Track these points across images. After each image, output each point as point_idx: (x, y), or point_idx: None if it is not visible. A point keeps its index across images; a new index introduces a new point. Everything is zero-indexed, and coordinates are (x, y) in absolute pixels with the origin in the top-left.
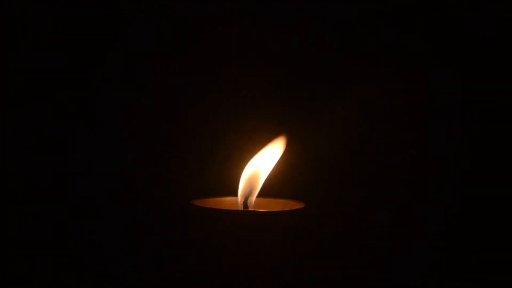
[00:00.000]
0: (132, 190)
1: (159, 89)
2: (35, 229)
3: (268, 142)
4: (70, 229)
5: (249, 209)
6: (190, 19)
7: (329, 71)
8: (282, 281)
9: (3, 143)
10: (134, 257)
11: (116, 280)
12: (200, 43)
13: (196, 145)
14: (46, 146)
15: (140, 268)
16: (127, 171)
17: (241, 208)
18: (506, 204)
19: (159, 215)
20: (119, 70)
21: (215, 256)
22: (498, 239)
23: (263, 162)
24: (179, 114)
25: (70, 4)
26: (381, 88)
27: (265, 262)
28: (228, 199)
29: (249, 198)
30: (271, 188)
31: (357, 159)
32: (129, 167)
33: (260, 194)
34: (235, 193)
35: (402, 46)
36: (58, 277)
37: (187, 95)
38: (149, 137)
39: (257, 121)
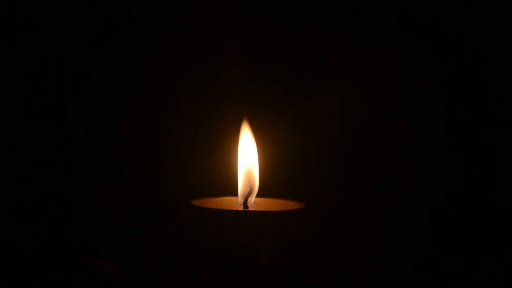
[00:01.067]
0: (132, 190)
1: (158, 89)
2: (35, 228)
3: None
4: (69, 229)
5: (249, 209)
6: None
7: (325, 64)
8: (282, 281)
9: (3, 143)
10: (134, 257)
11: (116, 280)
12: (191, 40)
13: (196, 145)
14: (45, 146)
15: (140, 268)
16: (127, 171)
17: (241, 208)
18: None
19: (159, 215)
20: (117, 70)
21: (215, 256)
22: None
23: (251, 158)
24: (179, 114)
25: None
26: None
27: (265, 262)
28: (228, 199)
29: (249, 198)
30: (271, 188)
31: (357, 158)
32: (129, 167)
33: (260, 194)
34: (235, 193)
35: (388, 37)
36: (57, 277)
37: (186, 95)
38: (149, 137)
39: (258, 121)
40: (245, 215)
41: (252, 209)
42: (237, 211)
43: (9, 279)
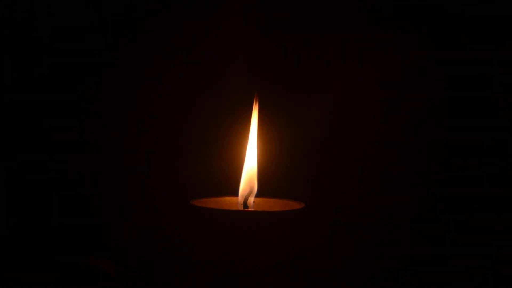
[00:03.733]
0: (132, 190)
1: (158, 90)
2: (35, 228)
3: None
4: (69, 229)
5: (249, 209)
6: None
7: (324, 65)
8: (282, 281)
9: (6, 142)
10: (134, 257)
11: (116, 280)
12: (196, 45)
13: (196, 145)
14: (46, 146)
15: (140, 268)
16: (127, 171)
17: (241, 208)
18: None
19: (159, 215)
20: (118, 71)
21: (215, 256)
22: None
23: (253, 159)
24: (179, 114)
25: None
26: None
27: (265, 262)
28: (228, 199)
29: (249, 198)
30: (271, 188)
31: (357, 158)
32: (129, 167)
33: (260, 194)
34: (235, 193)
35: (385, 39)
36: (57, 276)
37: (186, 96)
38: (149, 137)
39: (259, 121)
40: (245, 215)
41: (252, 209)
42: (237, 211)
43: (9, 279)
